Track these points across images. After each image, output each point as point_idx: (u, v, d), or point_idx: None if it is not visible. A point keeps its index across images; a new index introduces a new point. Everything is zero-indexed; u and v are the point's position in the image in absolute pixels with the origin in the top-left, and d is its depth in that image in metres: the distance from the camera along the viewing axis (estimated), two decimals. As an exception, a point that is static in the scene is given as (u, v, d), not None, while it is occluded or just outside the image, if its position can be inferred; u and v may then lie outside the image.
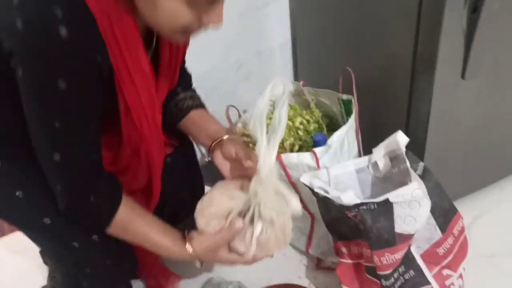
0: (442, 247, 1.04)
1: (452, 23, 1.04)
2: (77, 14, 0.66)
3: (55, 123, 0.71)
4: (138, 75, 0.79)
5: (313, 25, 1.51)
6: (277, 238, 0.90)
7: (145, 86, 0.82)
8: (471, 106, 1.22)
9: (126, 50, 0.75)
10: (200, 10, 0.72)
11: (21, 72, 0.67)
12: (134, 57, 0.77)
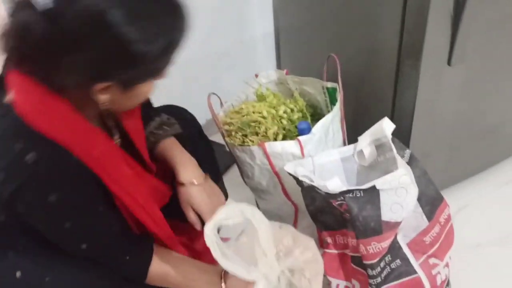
0: (429, 236, 1.02)
1: (438, 8, 1.02)
2: (35, 138, 0.73)
3: (66, 224, 0.79)
4: (115, 168, 0.83)
5: (297, 12, 1.48)
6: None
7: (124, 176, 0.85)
8: (457, 94, 1.20)
9: (95, 153, 0.79)
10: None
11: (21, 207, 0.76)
12: (106, 153, 0.81)
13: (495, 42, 1.15)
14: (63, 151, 0.75)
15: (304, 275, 0.85)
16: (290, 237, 0.86)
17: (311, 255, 0.86)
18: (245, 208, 0.84)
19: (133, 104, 0.82)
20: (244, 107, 1.24)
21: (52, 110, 0.74)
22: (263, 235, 0.82)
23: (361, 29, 1.25)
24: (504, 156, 1.49)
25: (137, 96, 0.79)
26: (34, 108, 0.74)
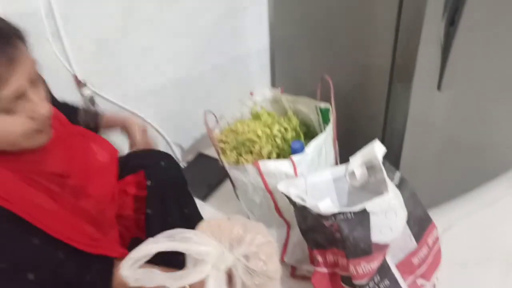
0: (417, 257, 1.05)
1: (430, 35, 1.05)
2: None
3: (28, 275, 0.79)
4: (25, 204, 0.80)
5: (292, 32, 1.51)
6: (260, 285, 0.85)
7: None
8: (446, 117, 1.23)
9: (5, 195, 0.77)
10: (21, 111, 0.74)
11: None
12: (10, 191, 0.78)
13: (483, 69, 1.18)
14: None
15: (259, 257, 0.83)
16: (239, 226, 0.85)
17: (262, 238, 0.85)
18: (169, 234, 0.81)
19: (4, 141, 0.77)
20: (239, 126, 1.26)
21: None
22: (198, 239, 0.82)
23: (354, 51, 1.28)
24: (490, 177, 1.52)
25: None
26: None
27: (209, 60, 1.56)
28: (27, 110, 0.75)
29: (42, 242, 0.83)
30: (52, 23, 1.28)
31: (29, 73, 0.74)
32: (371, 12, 1.17)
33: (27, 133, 0.77)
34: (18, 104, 0.73)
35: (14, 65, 0.70)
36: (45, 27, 1.26)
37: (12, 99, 0.72)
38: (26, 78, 0.73)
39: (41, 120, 0.78)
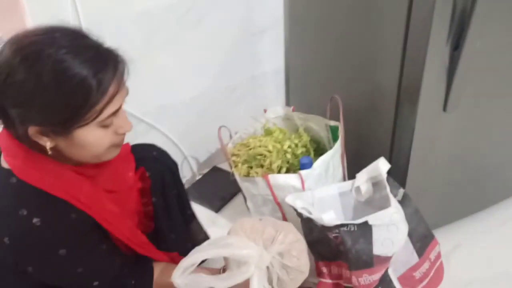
0: (419, 271, 1.08)
1: (435, 58, 1.10)
2: (36, 200, 0.82)
3: (78, 269, 0.88)
4: (102, 206, 0.91)
5: (306, 54, 1.58)
6: (293, 279, 0.95)
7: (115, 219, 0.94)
8: (452, 138, 1.27)
9: (83, 197, 0.87)
10: (111, 126, 0.84)
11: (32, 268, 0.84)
12: (90, 197, 0.88)
13: (488, 91, 1.23)
14: (61, 208, 0.84)
15: (291, 254, 0.92)
16: (271, 227, 0.93)
17: (293, 236, 0.94)
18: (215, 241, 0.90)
19: (86, 153, 0.85)
20: (251, 141, 1.32)
21: (41, 169, 0.83)
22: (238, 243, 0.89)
23: (363, 73, 1.34)
24: (497, 199, 1.54)
25: (84, 146, 0.82)
26: (25, 171, 0.83)
27: (227, 79, 1.63)
28: (115, 126, 0.85)
29: (107, 248, 0.92)
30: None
31: (126, 93, 0.85)
32: (379, 37, 1.23)
33: (110, 146, 0.86)
34: (111, 121, 0.83)
35: (120, 87, 0.81)
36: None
37: (111, 116, 0.81)
38: (124, 98, 0.84)
39: (123, 136, 0.88)
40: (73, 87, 0.76)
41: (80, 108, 0.78)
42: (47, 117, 0.78)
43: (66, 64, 0.75)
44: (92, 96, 0.77)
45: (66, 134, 0.81)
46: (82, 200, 0.86)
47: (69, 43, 0.77)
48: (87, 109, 0.78)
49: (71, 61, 0.76)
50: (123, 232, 0.95)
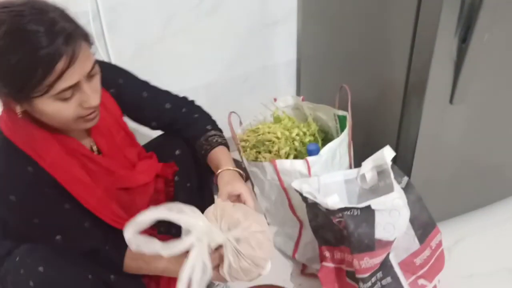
0: (419, 258, 1.10)
1: (442, 51, 1.13)
2: (2, 148, 0.91)
3: (34, 220, 0.94)
4: (69, 168, 0.96)
5: (317, 46, 1.61)
6: (245, 269, 0.92)
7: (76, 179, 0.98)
8: (458, 131, 1.29)
9: (49, 157, 0.93)
10: (73, 99, 0.86)
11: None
12: (57, 159, 0.94)
13: (495, 84, 1.24)
14: (23, 162, 0.90)
15: (249, 243, 0.90)
16: (241, 213, 0.92)
17: (258, 227, 0.92)
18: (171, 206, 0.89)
19: (55, 121, 0.89)
20: (260, 127, 1.35)
21: (15, 126, 0.90)
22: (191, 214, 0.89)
23: (372, 65, 1.36)
24: (502, 195, 1.55)
25: (47, 113, 0.86)
26: (5, 123, 0.91)
27: (239, 68, 1.67)
28: (79, 99, 0.87)
29: (72, 208, 0.96)
30: (98, 27, 1.41)
31: (86, 70, 0.85)
32: (388, 29, 1.26)
33: (76, 118, 0.89)
34: (72, 94, 0.85)
35: (73, 62, 0.82)
36: (92, 30, 1.40)
37: (66, 90, 0.84)
38: (83, 74, 0.84)
39: (91, 110, 0.90)
40: (20, 60, 0.79)
41: (27, 82, 0.80)
42: (1, 86, 0.83)
43: (14, 37, 0.78)
44: (38, 71, 0.79)
45: (26, 102, 0.85)
46: (46, 160, 0.92)
47: (23, 16, 0.79)
48: (34, 83, 0.81)
49: (19, 35, 0.78)
50: (88, 200, 0.98)
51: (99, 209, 1.00)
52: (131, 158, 1.11)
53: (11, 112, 0.90)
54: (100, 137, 1.04)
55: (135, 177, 1.10)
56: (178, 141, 1.19)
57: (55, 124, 0.90)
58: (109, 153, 1.06)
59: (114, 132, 1.07)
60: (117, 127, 1.08)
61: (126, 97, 1.09)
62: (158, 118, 1.17)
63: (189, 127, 1.17)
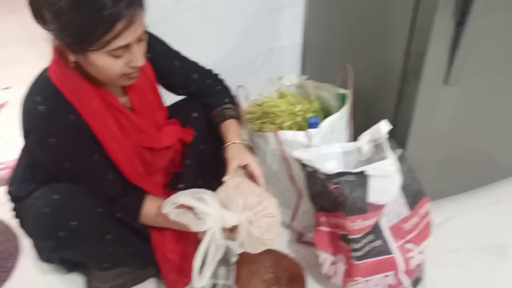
0: (408, 223, 1.18)
1: (440, 33, 1.20)
2: (50, 95, 1.00)
3: (65, 164, 1.03)
4: (105, 121, 1.06)
5: (322, 29, 1.69)
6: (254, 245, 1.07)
7: (112, 135, 1.08)
8: (451, 112, 1.36)
9: (89, 109, 1.03)
10: (123, 58, 0.96)
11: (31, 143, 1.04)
12: (96, 112, 1.04)
13: (488, 67, 1.32)
14: (66, 109, 1.00)
15: (260, 226, 1.03)
16: (255, 196, 1.05)
17: (269, 210, 1.05)
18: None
19: (101, 75, 0.99)
20: (266, 101, 1.43)
21: (64, 75, 1.00)
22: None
23: (373, 47, 1.44)
24: (492, 179, 1.63)
25: (97, 67, 0.96)
26: (54, 72, 1.01)
27: (246, 49, 1.74)
28: (127, 59, 0.97)
29: (99, 159, 1.06)
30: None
31: (138, 33, 0.95)
32: (389, 12, 1.33)
33: (121, 74, 0.99)
34: (123, 53, 0.95)
35: (130, 25, 0.92)
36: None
37: (119, 49, 0.94)
38: (135, 36, 0.95)
39: (135, 69, 1.00)
40: (85, 16, 0.88)
41: (89, 36, 0.90)
42: (65, 36, 0.92)
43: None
44: (100, 29, 0.89)
45: (81, 54, 0.95)
46: (87, 110, 1.02)
47: None
48: (94, 39, 0.90)
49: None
50: (116, 152, 1.08)
51: (124, 162, 1.09)
52: (158, 121, 1.20)
53: (62, 62, 0.99)
54: (135, 96, 1.13)
55: (161, 139, 1.19)
56: (196, 105, 1.29)
57: (100, 78, 1.00)
58: (141, 112, 1.15)
59: (147, 94, 1.16)
60: (150, 89, 1.18)
61: (159, 63, 1.18)
62: (185, 86, 1.27)
63: (209, 96, 1.28)
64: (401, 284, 1.17)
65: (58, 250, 1.13)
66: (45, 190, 1.08)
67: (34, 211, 1.09)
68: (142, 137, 1.14)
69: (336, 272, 1.24)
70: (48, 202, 1.06)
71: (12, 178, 1.23)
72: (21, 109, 1.03)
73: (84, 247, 1.12)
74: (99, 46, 0.92)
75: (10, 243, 1.44)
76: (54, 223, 1.06)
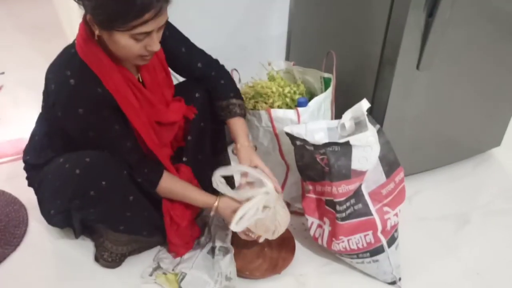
0: (385, 189, 1.35)
1: (413, 24, 1.37)
2: (79, 69, 1.13)
3: (90, 133, 1.17)
4: (125, 94, 1.19)
5: (307, 20, 1.85)
6: (266, 228, 1.32)
7: (132, 104, 1.21)
8: (423, 95, 1.55)
9: (112, 82, 1.16)
10: (142, 41, 1.09)
11: (60, 112, 1.15)
12: (118, 85, 1.17)
13: (456, 55, 1.50)
14: (94, 83, 1.13)
15: (279, 221, 1.34)
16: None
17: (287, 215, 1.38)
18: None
19: (119, 52, 1.11)
20: (257, 83, 1.58)
21: (90, 50, 1.13)
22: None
23: (354, 36, 1.61)
24: (458, 158, 1.84)
25: (118, 45, 1.08)
26: (82, 48, 1.13)
27: (238, 39, 1.88)
28: (146, 43, 1.10)
29: (120, 129, 1.19)
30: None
31: (160, 23, 1.09)
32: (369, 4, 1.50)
33: (137, 55, 1.12)
34: (144, 37, 1.08)
35: (157, 16, 1.05)
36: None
37: (142, 34, 1.07)
38: (158, 26, 1.08)
39: (151, 52, 1.13)
40: (121, 1, 1.02)
41: (119, 19, 1.03)
42: (98, 13, 1.05)
43: None
44: (131, 15, 1.03)
45: (107, 30, 1.07)
46: (110, 83, 1.15)
47: None
48: (123, 22, 1.04)
49: None
50: (137, 122, 1.21)
51: (143, 131, 1.23)
52: (167, 97, 1.34)
53: (89, 38, 1.11)
54: (147, 73, 1.27)
55: (168, 114, 1.32)
56: (199, 86, 1.42)
57: (119, 55, 1.13)
58: (151, 88, 1.28)
59: (157, 71, 1.29)
60: (161, 68, 1.31)
61: (168, 46, 1.31)
62: (189, 73, 1.42)
63: (215, 90, 1.42)
64: (378, 242, 1.34)
65: (84, 208, 1.25)
66: (73, 155, 1.20)
67: (61, 173, 1.21)
68: (152, 111, 1.27)
69: (322, 234, 1.40)
70: (79, 164, 1.18)
71: (27, 147, 1.35)
72: (49, 81, 1.15)
73: (108, 206, 1.25)
74: (125, 28, 1.05)
75: (19, 212, 1.55)
76: (86, 182, 1.19)
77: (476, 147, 1.87)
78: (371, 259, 1.36)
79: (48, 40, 2.59)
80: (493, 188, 1.79)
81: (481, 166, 1.88)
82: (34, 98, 1.62)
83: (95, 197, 1.20)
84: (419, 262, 1.45)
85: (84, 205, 1.23)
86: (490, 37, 1.53)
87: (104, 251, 1.40)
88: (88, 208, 1.24)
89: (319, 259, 1.46)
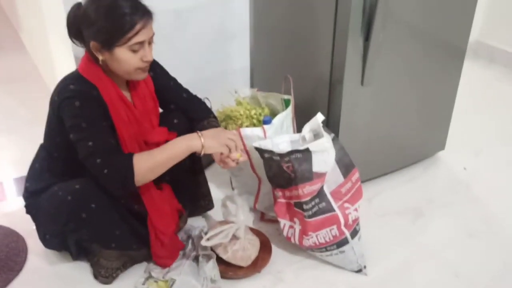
0: (344, 188, 1.56)
1: (353, 47, 1.63)
2: (78, 78, 1.37)
3: (82, 124, 1.32)
4: (117, 104, 1.41)
5: (266, 52, 2.10)
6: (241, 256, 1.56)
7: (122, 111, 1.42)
8: (368, 108, 1.79)
9: (107, 94, 1.38)
10: (138, 53, 1.34)
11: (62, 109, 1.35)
12: (112, 98, 1.39)
13: (392, 72, 1.76)
14: (91, 88, 1.36)
15: (248, 246, 1.59)
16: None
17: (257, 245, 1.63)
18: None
19: (121, 69, 1.34)
20: (227, 108, 1.80)
21: (90, 69, 1.37)
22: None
23: (306, 63, 1.86)
24: (408, 162, 2.08)
25: (119, 61, 1.32)
26: (83, 68, 1.38)
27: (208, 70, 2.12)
28: (141, 54, 1.34)
29: (107, 126, 1.37)
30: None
31: (150, 35, 1.34)
32: (316, 36, 1.76)
33: (136, 68, 1.36)
34: (139, 49, 1.33)
35: (145, 26, 1.31)
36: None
37: (137, 44, 1.31)
38: (148, 36, 1.34)
39: (147, 64, 1.37)
40: (115, 19, 1.28)
41: (118, 33, 1.28)
42: (99, 35, 1.29)
43: (115, 4, 1.29)
44: (126, 27, 1.28)
45: (109, 50, 1.31)
46: (105, 94, 1.37)
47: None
48: (121, 35, 1.29)
49: (114, 6, 1.28)
50: (124, 134, 1.41)
51: (129, 142, 1.43)
52: (153, 122, 1.54)
53: (91, 62, 1.36)
54: (138, 99, 1.48)
55: (154, 135, 1.51)
56: (177, 114, 1.63)
57: (120, 72, 1.36)
58: (141, 112, 1.48)
59: (147, 100, 1.51)
60: (150, 97, 1.52)
61: (159, 81, 1.56)
62: (176, 102, 1.63)
63: (196, 112, 1.65)
64: (342, 234, 1.54)
65: (77, 230, 1.42)
66: (64, 183, 1.39)
67: (55, 200, 1.38)
68: (140, 130, 1.46)
69: (294, 233, 1.59)
70: (70, 191, 1.36)
71: (28, 174, 1.51)
72: (53, 96, 1.37)
73: (99, 226, 1.42)
74: (123, 41, 1.29)
75: (18, 242, 1.68)
76: (77, 206, 1.36)
77: (424, 151, 2.13)
78: (338, 250, 1.55)
79: (29, 90, 2.77)
80: (440, 185, 2.04)
81: (430, 168, 2.13)
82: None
83: (86, 219, 1.39)
84: (382, 251, 1.66)
85: (77, 227, 1.41)
86: (418, 53, 1.80)
87: (101, 268, 1.55)
88: (81, 229, 1.42)
89: (293, 257, 1.65)
